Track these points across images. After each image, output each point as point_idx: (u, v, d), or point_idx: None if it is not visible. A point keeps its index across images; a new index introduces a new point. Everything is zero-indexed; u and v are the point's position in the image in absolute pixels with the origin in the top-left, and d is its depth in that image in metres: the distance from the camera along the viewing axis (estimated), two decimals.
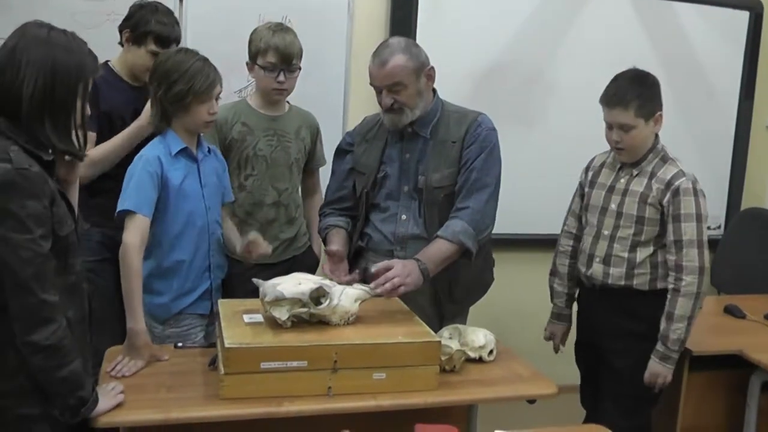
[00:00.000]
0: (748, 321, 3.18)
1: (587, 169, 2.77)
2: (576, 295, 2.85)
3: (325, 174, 3.03)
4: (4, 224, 1.63)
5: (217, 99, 2.37)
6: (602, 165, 2.71)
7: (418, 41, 3.53)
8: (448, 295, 2.60)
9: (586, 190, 2.73)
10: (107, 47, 2.71)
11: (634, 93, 2.47)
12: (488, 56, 3.72)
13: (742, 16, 4.14)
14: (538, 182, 3.81)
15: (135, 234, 2.21)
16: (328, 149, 3.03)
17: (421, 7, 3.60)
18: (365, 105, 3.61)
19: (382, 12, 3.60)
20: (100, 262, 2.65)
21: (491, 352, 2.30)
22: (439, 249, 2.40)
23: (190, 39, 3.20)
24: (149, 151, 2.33)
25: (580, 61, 3.87)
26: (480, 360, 2.27)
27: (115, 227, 2.32)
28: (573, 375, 3.08)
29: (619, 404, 2.61)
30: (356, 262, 2.62)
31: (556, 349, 2.90)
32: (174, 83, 2.30)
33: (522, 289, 3.93)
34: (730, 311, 3.20)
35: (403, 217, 2.55)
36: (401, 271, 2.26)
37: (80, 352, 1.78)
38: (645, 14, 3.96)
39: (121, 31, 2.74)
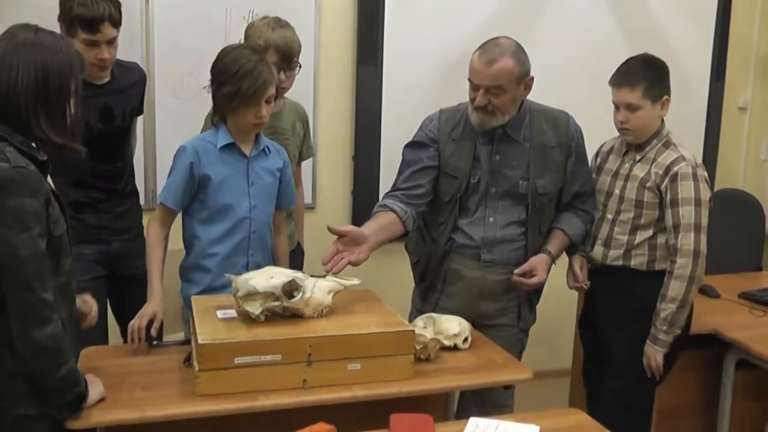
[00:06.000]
0: (722, 300, 3.22)
1: (597, 154, 2.80)
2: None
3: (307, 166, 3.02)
4: (3, 222, 1.63)
5: (268, 102, 2.28)
6: (610, 151, 2.75)
7: (385, 34, 3.58)
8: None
9: (594, 175, 2.75)
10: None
11: (642, 74, 2.52)
12: (457, 46, 3.69)
13: None
14: None
15: (156, 220, 2.37)
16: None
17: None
18: (335, 97, 3.63)
19: (349, 4, 3.58)
20: (95, 280, 2.55)
21: (466, 339, 2.30)
22: (564, 244, 2.64)
23: (156, 33, 3.17)
24: (192, 142, 2.35)
25: (549, 49, 3.86)
26: (455, 348, 2.28)
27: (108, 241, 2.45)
28: (551, 359, 3.10)
29: (619, 383, 2.64)
30: (442, 265, 2.61)
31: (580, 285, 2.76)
32: (223, 84, 2.24)
33: None
34: (705, 291, 3.22)
35: (491, 219, 2.55)
36: (544, 277, 2.54)
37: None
38: (613, 0, 3.97)
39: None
